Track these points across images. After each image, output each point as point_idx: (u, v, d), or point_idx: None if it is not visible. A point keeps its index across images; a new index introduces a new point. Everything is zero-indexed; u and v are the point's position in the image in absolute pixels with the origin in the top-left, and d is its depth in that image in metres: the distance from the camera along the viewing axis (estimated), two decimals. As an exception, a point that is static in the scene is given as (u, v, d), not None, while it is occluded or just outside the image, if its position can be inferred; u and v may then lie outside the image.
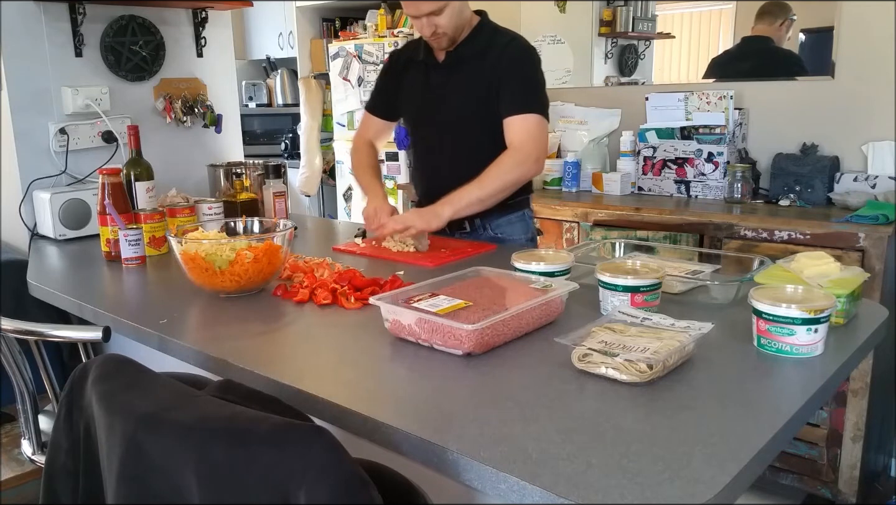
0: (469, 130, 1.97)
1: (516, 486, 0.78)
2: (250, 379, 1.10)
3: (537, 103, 1.88)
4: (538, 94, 1.91)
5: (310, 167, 4.67)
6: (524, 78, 1.90)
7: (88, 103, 2.33)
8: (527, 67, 1.91)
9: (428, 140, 2.08)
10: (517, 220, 2.03)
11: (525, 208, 2.05)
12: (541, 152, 1.87)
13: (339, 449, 0.76)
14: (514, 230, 2.02)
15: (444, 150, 2.03)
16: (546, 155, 1.91)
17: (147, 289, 1.66)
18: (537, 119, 1.87)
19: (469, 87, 1.94)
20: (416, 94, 2.04)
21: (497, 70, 1.89)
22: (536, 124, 1.87)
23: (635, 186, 2.85)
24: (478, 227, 2.01)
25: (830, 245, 2.14)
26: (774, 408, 0.94)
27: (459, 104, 1.96)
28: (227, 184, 2.31)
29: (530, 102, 1.87)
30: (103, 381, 0.90)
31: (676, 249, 2.08)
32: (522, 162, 1.85)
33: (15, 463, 2.31)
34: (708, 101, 2.66)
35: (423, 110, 2.05)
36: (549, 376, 1.05)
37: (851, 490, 2.22)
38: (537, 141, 1.87)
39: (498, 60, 1.90)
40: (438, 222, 1.83)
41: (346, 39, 4.14)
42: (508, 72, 1.89)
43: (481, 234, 2.01)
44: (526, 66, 1.91)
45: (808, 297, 1.13)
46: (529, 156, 1.85)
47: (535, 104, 1.88)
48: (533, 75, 1.92)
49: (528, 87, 1.90)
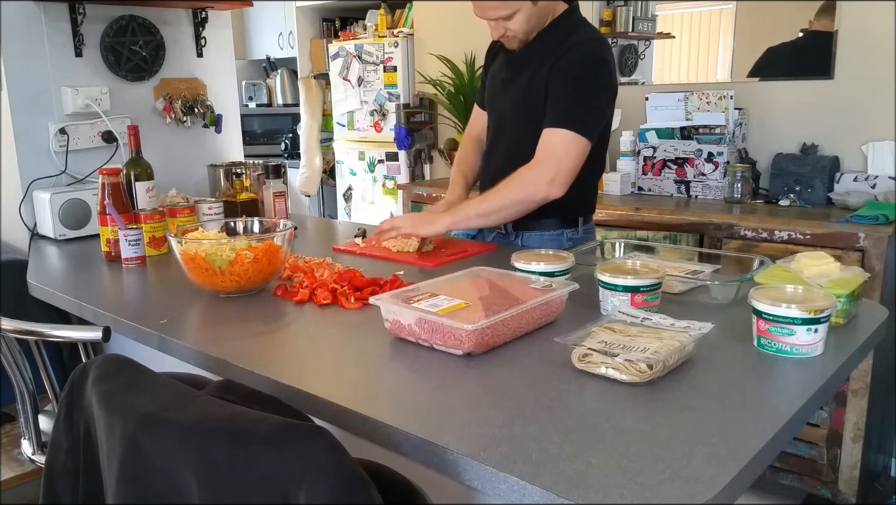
0: (522, 129, 1.81)
1: (516, 486, 0.78)
2: (250, 379, 1.10)
3: (577, 120, 1.69)
4: (583, 108, 1.71)
5: (310, 167, 4.67)
6: (573, 87, 1.71)
7: (88, 103, 2.33)
8: (581, 75, 1.72)
9: (490, 131, 1.98)
10: (551, 239, 1.87)
11: (568, 229, 1.88)
12: (559, 174, 1.68)
13: (339, 449, 0.76)
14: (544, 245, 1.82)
15: (498, 145, 1.94)
16: (567, 177, 1.69)
17: (147, 289, 1.66)
18: (570, 137, 1.68)
19: (528, 85, 1.80)
20: (491, 82, 1.97)
21: (553, 71, 1.74)
22: (565, 142, 1.68)
23: (635, 186, 2.85)
24: (510, 232, 1.92)
25: (830, 245, 2.14)
26: (774, 408, 0.94)
27: (516, 101, 1.84)
28: (227, 184, 2.31)
29: (569, 116, 1.69)
30: (103, 381, 0.90)
31: (676, 249, 2.08)
32: (532, 182, 1.69)
33: (15, 463, 2.31)
34: (708, 101, 2.66)
35: (490, 100, 1.97)
36: (549, 376, 1.05)
37: (851, 490, 2.22)
38: (560, 161, 1.68)
39: (559, 62, 1.73)
40: (431, 230, 1.76)
41: (346, 39, 4.14)
42: (559, 77, 1.72)
43: (512, 241, 1.93)
44: (581, 73, 1.72)
45: (808, 297, 1.13)
46: (542, 176, 1.68)
47: (573, 120, 1.69)
48: (585, 86, 1.72)
49: (572, 99, 1.71)
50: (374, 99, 4.02)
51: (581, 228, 1.90)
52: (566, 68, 1.73)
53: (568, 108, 1.71)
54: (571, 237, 1.89)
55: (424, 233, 1.78)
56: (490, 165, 1.97)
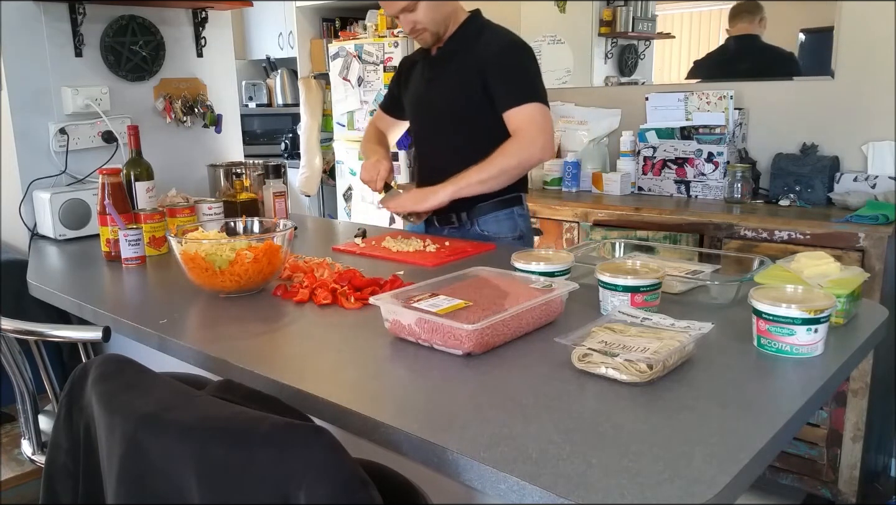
0: (457, 125, 1.96)
1: (516, 486, 0.78)
2: (250, 379, 1.10)
3: (534, 92, 1.84)
4: (533, 83, 1.86)
5: (310, 167, 4.67)
6: (515, 69, 1.86)
7: (88, 103, 2.33)
8: (516, 59, 1.87)
9: (421, 133, 2.11)
10: (505, 217, 2.00)
11: (515, 206, 2.01)
12: (546, 139, 1.83)
13: (339, 449, 0.76)
14: (501, 228, 2.00)
15: (435, 144, 2.04)
16: (552, 142, 1.86)
17: (147, 289, 1.66)
18: (537, 107, 1.83)
19: (455, 82, 1.93)
20: (413, 89, 2.07)
21: (483, 64, 1.86)
22: (537, 111, 1.83)
23: (635, 186, 2.85)
24: (465, 221, 2.01)
25: (830, 245, 2.14)
26: (774, 408, 0.94)
27: (446, 98, 1.96)
28: (227, 184, 2.31)
29: (526, 92, 1.83)
30: (103, 381, 0.90)
31: (676, 249, 2.08)
32: (525, 147, 1.82)
33: (15, 463, 2.31)
34: (708, 101, 2.66)
35: (416, 104, 2.08)
36: (549, 376, 1.05)
37: (851, 490, 2.22)
38: (540, 127, 1.82)
39: (483, 54, 1.87)
40: (433, 202, 1.87)
41: (346, 39, 4.14)
42: (496, 66, 1.85)
43: (469, 230, 2.01)
44: (515, 57, 1.87)
45: (808, 297, 1.13)
46: (533, 141, 1.82)
47: (531, 94, 1.83)
48: (525, 65, 1.87)
49: (520, 79, 1.86)
50: (374, 99, 4.02)
51: (525, 205, 2.05)
52: (503, 53, 1.88)
53: (521, 86, 1.85)
54: (521, 213, 2.03)
55: (426, 207, 1.88)
56: (428, 162, 2.07)
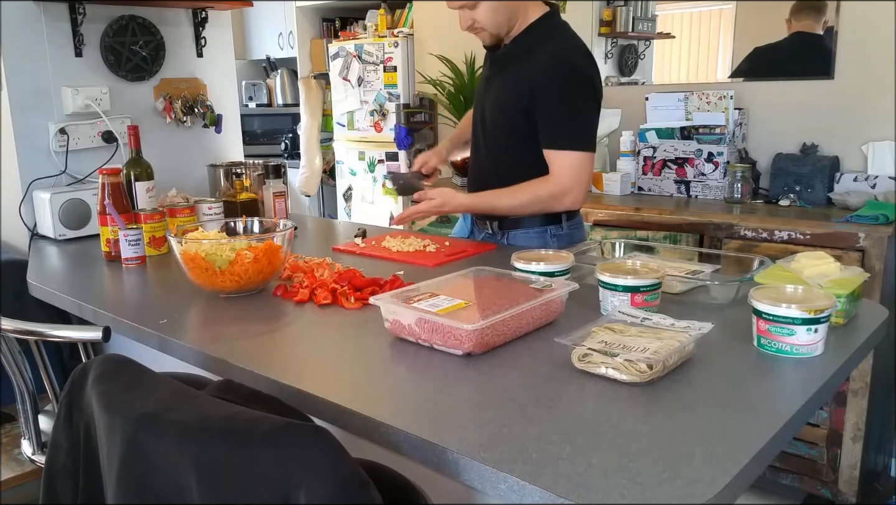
0: (504, 133, 1.86)
1: (516, 486, 0.78)
2: (250, 379, 1.10)
3: (580, 138, 1.74)
4: (582, 127, 1.75)
5: (310, 167, 4.67)
6: (566, 106, 1.73)
7: (88, 103, 2.33)
8: (571, 91, 1.73)
9: (475, 131, 2.00)
10: (536, 236, 1.91)
11: (551, 226, 1.90)
12: (579, 192, 1.78)
13: (339, 449, 0.76)
14: (529, 244, 1.89)
15: (481, 146, 1.96)
16: (586, 194, 1.81)
17: (147, 289, 1.66)
18: (579, 156, 1.74)
19: (507, 90, 1.82)
20: (480, 80, 2.01)
21: (535, 81, 1.74)
22: (578, 161, 1.74)
23: (635, 186, 2.85)
24: (496, 231, 1.96)
25: (830, 245, 2.14)
26: (774, 408, 0.94)
27: (496, 104, 1.87)
28: (227, 184, 2.31)
29: (572, 138, 1.74)
30: (103, 381, 0.90)
31: (676, 249, 2.08)
32: (556, 195, 1.77)
33: (15, 463, 2.31)
34: (708, 101, 2.66)
35: (477, 97, 1.99)
36: (549, 376, 1.05)
37: (851, 490, 2.22)
38: (578, 179, 1.75)
39: (540, 70, 1.74)
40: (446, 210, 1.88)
41: (346, 39, 4.14)
42: (548, 93, 1.73)
43: (498, 241, 1.96)
44: (570, 89, 1.73)
45: (808, 297, 1.13)
46: (566, 192, 1.76)
47: (577, 140, 1.74)
48: (578, 104, 1.74)
49: (569, 120, 1.74)
50: (374, 99, 4.02)
51: (566, 225, 1.92)
52: (554, 82, 1.73)
53: (569, 128, 1.75)
54: (556, 233, 1.92)
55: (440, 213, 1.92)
56: (477, 164, 2.03)
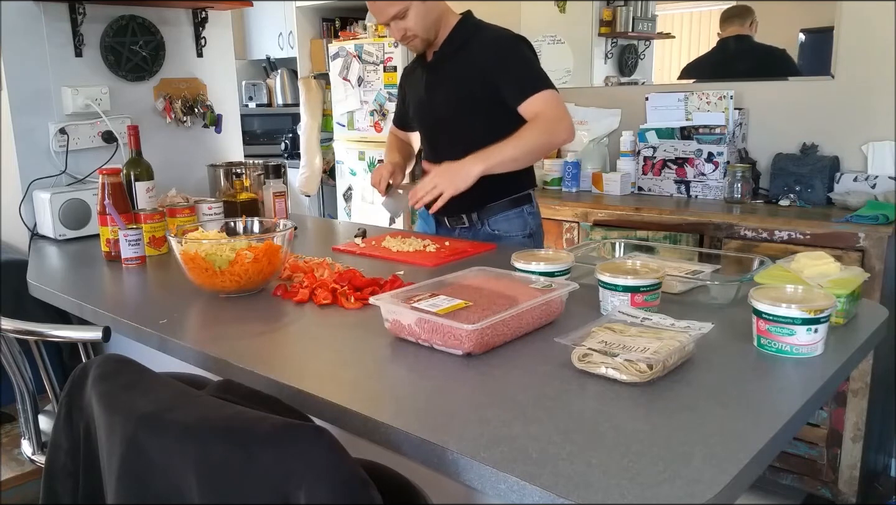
0: (460, 126, 1.96)
1: (516, 486, 0.78)
2: (250, 379, 1.10)
3: (543, 80, 1.85)
4: (540, 72, 1.88)
5: (310, 167, 4.67)
6: (519, 63, 1.88)
7: (88, 103, 2.33)
8: (517, 52, 1.88)
9: (426, 139, 2.10)
10: (515, 216, 2.01)
11: (525, 205, 2.02)
12: (568, 121, 1.84)
13: (339, 449, 0.76)
14: (511, 226, 2.01)
15: (439, 149, 2.03)
16: (571, 122, 1.86)
17: (147, 289, 1.66)
18: (550, 93, 1.84)
19: (455, 84, 1.93)
20: (414, 96, 2.08)
21: (483, 63, 1.87)
22: (552, 97, 1.84)
23: (635, 186, 2.85)
24: (475, 221, 2.01)
25: (830, 245, 2.14)
26: (774, 408, 0.94)
27: (447, 101, 1.96)
28: (227, 184, 2.31)
29: (536, 82, 1.85)
30: (103, 381, 0.90)
31: (676, 249, 2.08)
32: (552, 126, 1.81)
33: (15, 463, 2.31)
34: (708, 101, 2.66)
35: (418, 111, 2.07)
36: (549, 376, 1.05)
37: (851, 490, 2.22)
38: (560, 109, 1.84)
39: (481, 54, 1.88)
40: (468, 182, 1.75)
41: (346, 39, 4.14)
42: (500, 63, 1.86)
43: (479, 230, 2.01)
44: (516, 51, 1.88)
45: (808, 297, 1.13)
46: (560, 119, 1.81)
47: (541, 82, 1.85)
48: (527, 56, 1.89)
49: (527, 70, 1.87)
50: (374, 99, 4.02)
51: (535, 203, 2.06)
52: (506, 48, 1.88)
53: (530, 77, 1.86)
54: (531, 211, 2.04)
55: (463, 188, 1.76)
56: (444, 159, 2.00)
